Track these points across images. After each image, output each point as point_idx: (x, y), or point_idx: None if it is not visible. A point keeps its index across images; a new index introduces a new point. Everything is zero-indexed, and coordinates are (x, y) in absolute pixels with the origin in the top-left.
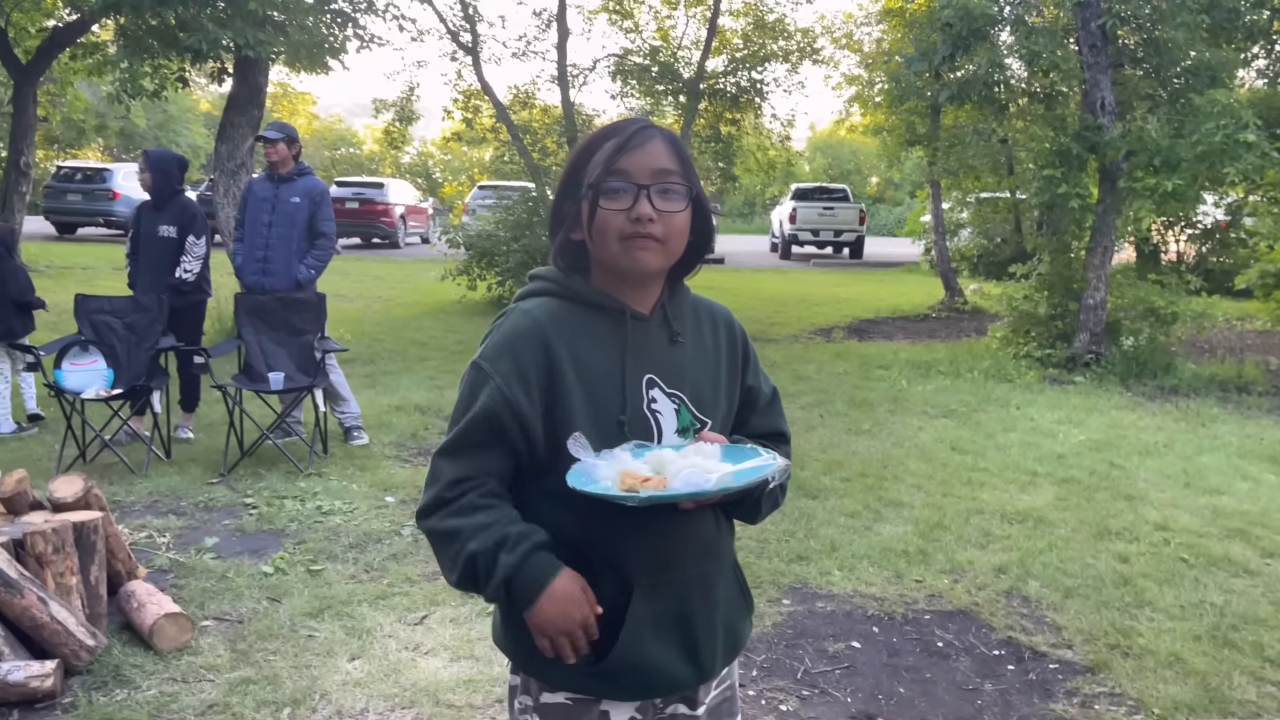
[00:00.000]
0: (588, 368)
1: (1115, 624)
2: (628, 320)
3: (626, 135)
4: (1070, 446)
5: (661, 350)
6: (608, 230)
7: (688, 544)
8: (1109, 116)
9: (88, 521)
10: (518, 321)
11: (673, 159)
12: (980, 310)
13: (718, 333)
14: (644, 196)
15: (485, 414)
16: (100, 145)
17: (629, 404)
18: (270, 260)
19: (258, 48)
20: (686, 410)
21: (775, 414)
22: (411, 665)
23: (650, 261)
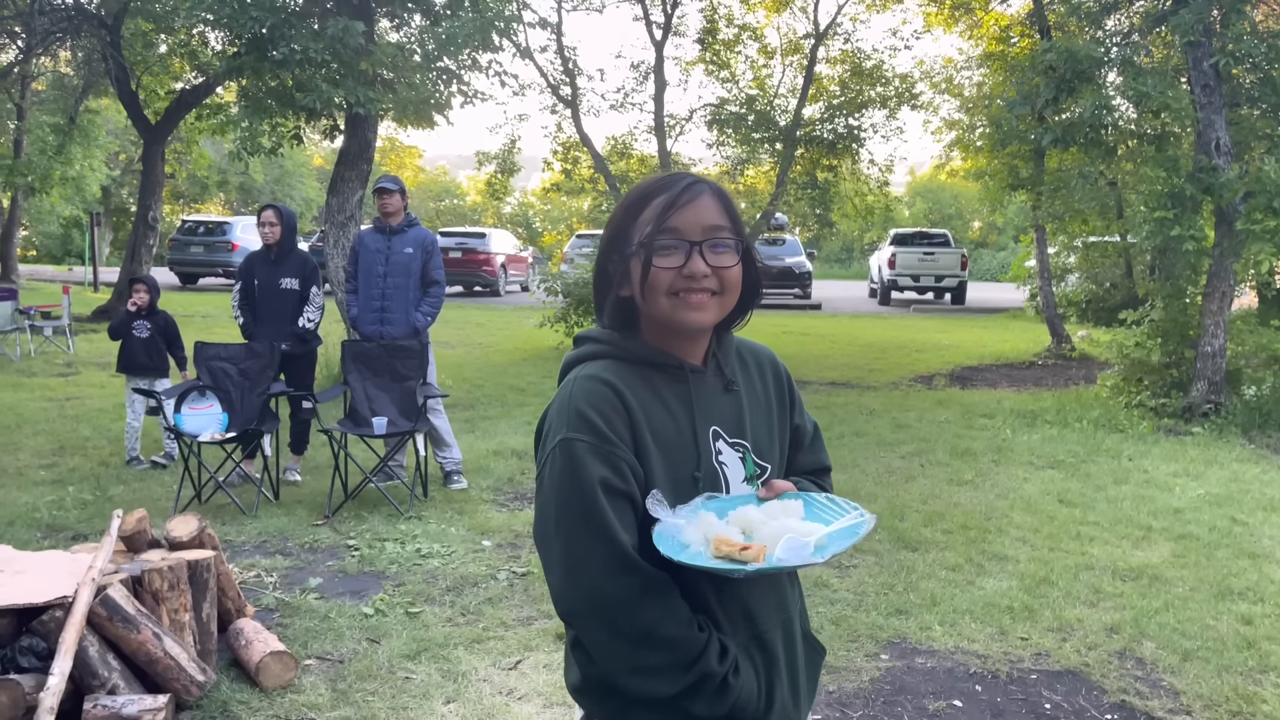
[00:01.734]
0: (660, 426)
1: (1238, 689)
2: (688, 375)
3: (676, 191)
4: (1187, 501)
5: (719, 400)
6: (659, 287)
7: (767, 595)
8: (1225, 157)
9: (201, 560)
10: (590, 387)
11: (722, 214)
12: (1089, 358)
13: (764, 376)
14: (696, 253)
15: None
16: (221, 200)
17: (702, 459)
18: (388, 310)
19: (368, 105)
20: (750, 458)
21: (819, 449)
22: (505, 710)
23: (705, 318)
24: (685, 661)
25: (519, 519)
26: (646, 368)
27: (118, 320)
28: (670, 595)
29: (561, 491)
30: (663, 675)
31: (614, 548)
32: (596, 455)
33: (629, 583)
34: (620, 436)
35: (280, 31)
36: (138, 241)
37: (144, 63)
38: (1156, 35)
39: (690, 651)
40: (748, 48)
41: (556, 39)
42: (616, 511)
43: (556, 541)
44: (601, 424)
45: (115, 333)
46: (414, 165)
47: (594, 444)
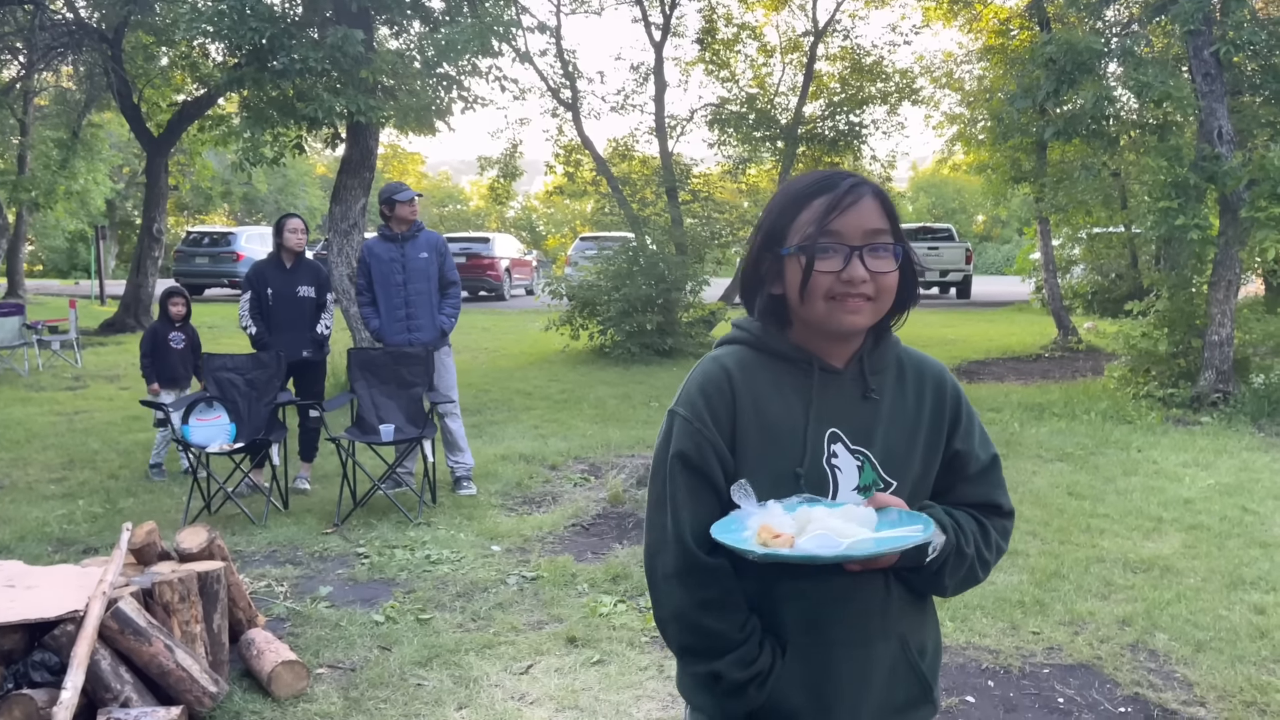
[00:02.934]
0: (770, 417)
1: (1252, 680)
2: (815, 372)
3: (840, 194)
4: (1198, 491)
5: (850, 405)
6: (817, 291)
7: (846, 608)
8: (1228, 145)
9: (211, 571)
10: (708, 368)
11: (883, 218)
12: (1096, 349)
13: (923, 390)
14: (856, 258)
15: (681, 454)
16: (225, 210)
17: (808, 456)
18: (414, 317)
19: (369, 113)
20: (870, 468)
21: (991, 484)
22: (518, 715)
23: (859, 323)
24: (708, 652)
25: (528, 524)
26: (777, 360)
27: (149, 334)
28: (711, 583)
29: (656, 456)
30: (686, 654)
31: (673, 521)
32: (686, 431)
33: (675, 559)
34: (717, 420)
35: (280, 42)
36: (143, 254)
37: (145, 76)
38: (1156, 25)
39: (716, 645)
40: (747, 47)
41: (556, 42)
42: (689, 487)
43: (648, 500)
44: (702, 404)
45: (148, 346)
46: (416, 171)
47: (688, 419)
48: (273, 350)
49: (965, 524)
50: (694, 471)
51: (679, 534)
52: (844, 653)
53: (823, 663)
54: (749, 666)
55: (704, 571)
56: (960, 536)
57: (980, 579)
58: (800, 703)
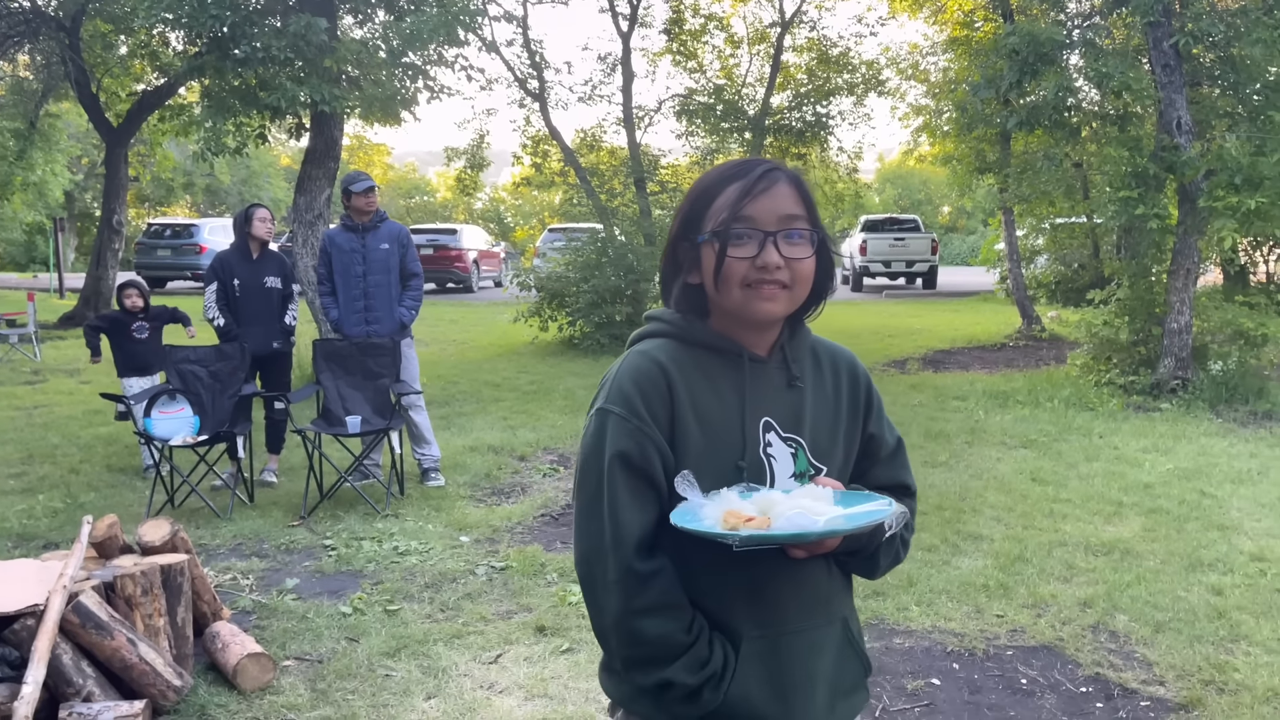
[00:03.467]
0: (706, 411)
1: (1210, 659)
2: (745, 363)
3: (753, 179)
4: (1157, 475)
5: (779, 393)
6: (732, 278)
7: (795, 596)
8: (1186, 136)
9: (174, 564)
10: (637, 363)
11: (798, 203)
12: (1059, 338)
13: (839, 377)
14: (770, 244)
15: (621, 455)
16: (188, 201)
17: (748, 448)
18: (372, 309)
19: (333, 103)
20: (803, 455)
21: (899, 466)
22: (486, 704)
23: (775, 310)
24: (657, 660)
25: (497, 514)
26: (705, 352)
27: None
28: (654, 587)
29: (586, 458)
30: (632, 665)
31: (611, 525)
32: (623, 430)
33: (615, 566)
34: (655, 416)
35: (241, 30)
36: (103, 246)
37: (104, 65)
38: (1117, 16)
39: (664, 652)
40: (714, 37)
41: (522, 32)
42: (631, 488)
43: (576, 504)
44: (639, 400)
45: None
46: (382, 163)
47: (624, 417)
48: (238, 342)
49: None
50: (635, 472)
51: (619, 539)
52: (796, 640)
53: (777, 653)
54: (702, 669)
55: (646, 576)
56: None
57: (902, 558)
58: (760, 696)
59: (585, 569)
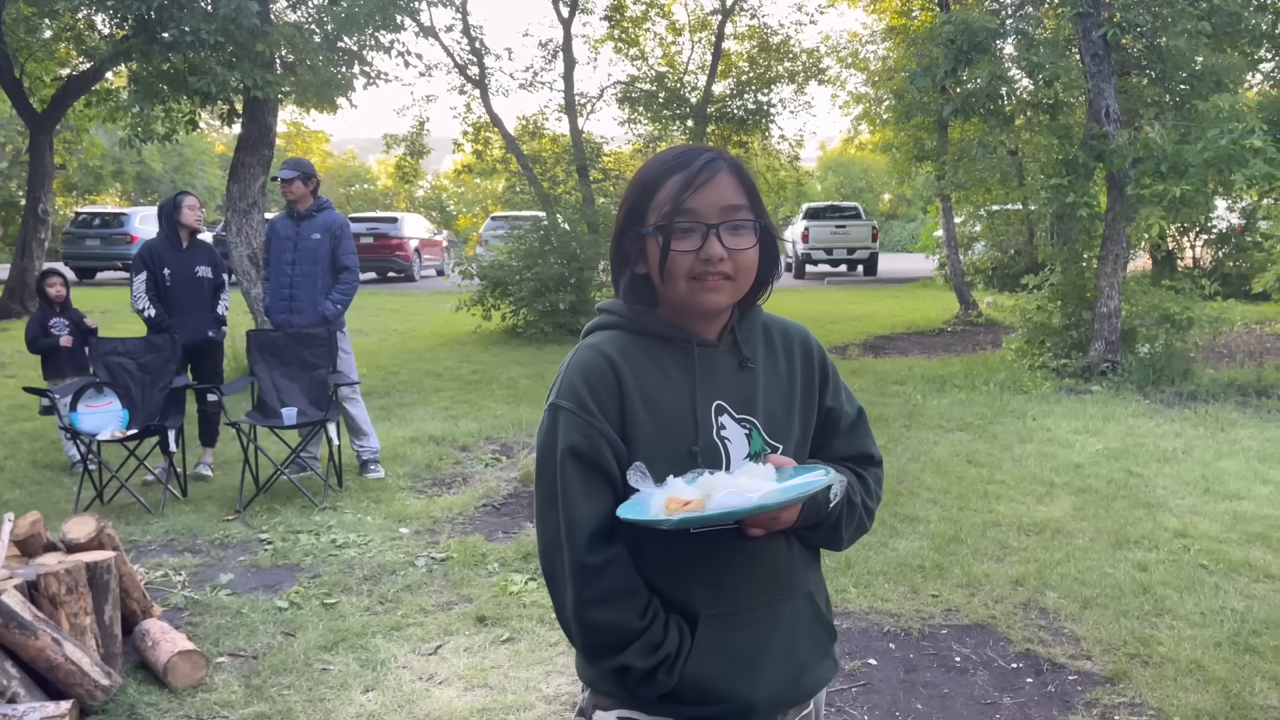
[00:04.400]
0: (657, 399)
1: (1135, 633)
2: (694, 348)
3: (694, 170)
4: (1087, 456)
5: (730, 376)
6: (677, 271)
7: (754, 572)
8: (1114, 124)
9: (101, 561)
10: (586, 357)
11: (740, 192)
12: (995, 323)
13: (792, 353)
14: (713, 236)
15: (572, 449)
16: (118, 190)
17: (701, 433)
18: (296, 298)
19: (266, 88)
20: (758, 435)
21: (861, 435)
22: (425, 696)
23: (720, 301)
24: (611, 647)
25: (437, 505)
26: (654, 340)
27: (33, 326)
28: (607, 577)
29: (540, 454)
30: (590, 653)
31: (565, 518)
32: (573, 424)
33: (570, 558)
34: (604, 409)
35: (169, 13)
36: (28, 236)
37: (27, 49)
38: (1048, 6)
39: (618, 639)
40: (656, 24)
41: (462, 17)
42: (583, 480)
43: (535, 499)
44: (587, 395)
45: (35, 344)
46: (321, 150)
47: (574, 412)
48: (168, 333)
49: (847, 476)
50: (587, 465)
51: (572, 532)
52: (755, 616)
53: (734, 630)
54: (654, 652)
55: (599, 567)
56: (849, 488)
57: (868, 528)
58: (718, 673)
59: (546, 562)
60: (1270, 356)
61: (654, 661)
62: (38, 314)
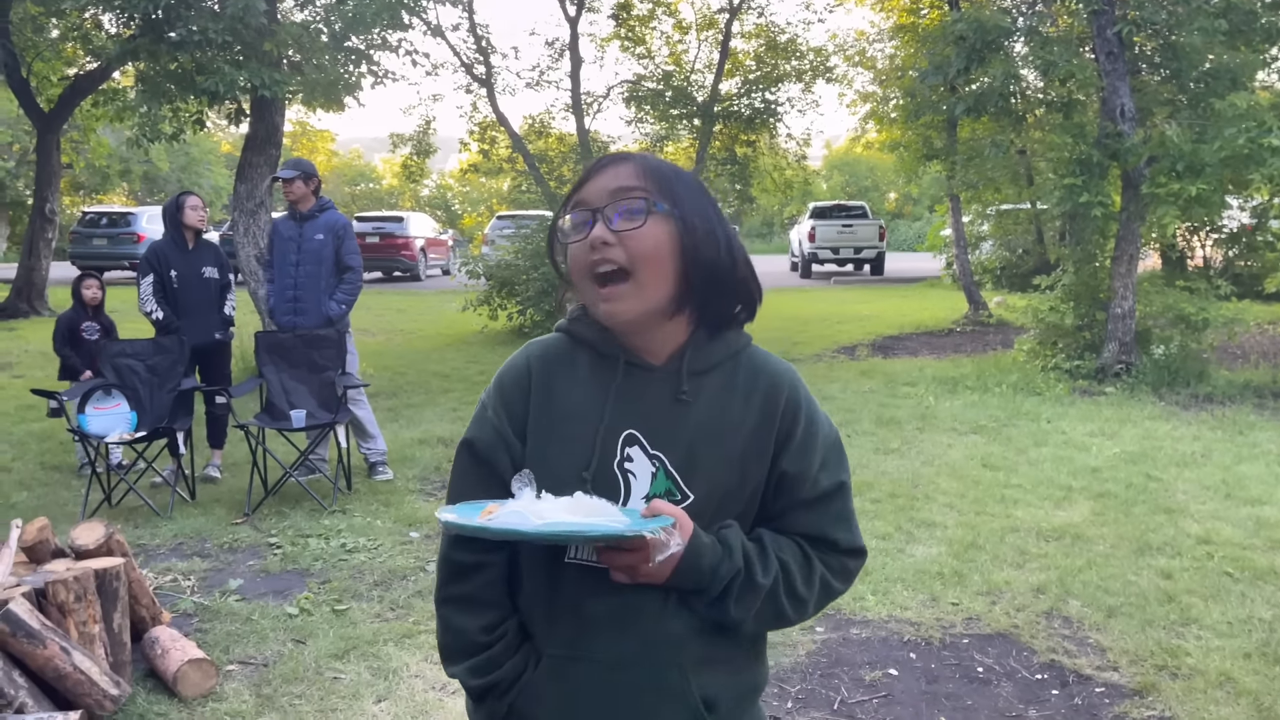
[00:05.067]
0: (568, 413)
1: (1162, 643)
2: (620, 367)
3: (593, 166)
4: (1105, 460)
5: (658, 406)
6: (576, 269)
7: (611, 622)
8: (1129, 123)
9: (110, 568)
10: (513, 358)
11: (640, 176)
12: (1005, 323)
13: (751, 398)
14: (600, 219)
15: (469, 442)
16: (125, 190)
17: (597, 459)
18: (301, 299)
19: (273, 88)
20: (664, 476)
21: (827, 515)
22: (439, 706)
23: (618, 310)
24: (451, 653)
25: None
26: (588, 351)
27: (63, 325)
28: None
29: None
30: (440, 652)
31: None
32: (480, 418)
33: (443, 548)
34: (511, 410)
35: (176, 12)
36: (35, 235)
37: (35, 48)
38: (1061, 4)
39: (459, 646)
40: (663, 23)
41: (468, 16)
42: (472, 475)
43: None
44: (497, 394)
45: (64, 339)
46: (326, 149)
47: (484, 405)
48: (176, 335)
49: (776, 553)
50: (479, 461)
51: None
52: (599, 671)
53: (574, 678)
54: (485, 675)
55: (466, 568)
56: (754, 563)
57: (790, 617)
58: (545, 715)
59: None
60: None
61: (483, 684)
62: (69, 314)
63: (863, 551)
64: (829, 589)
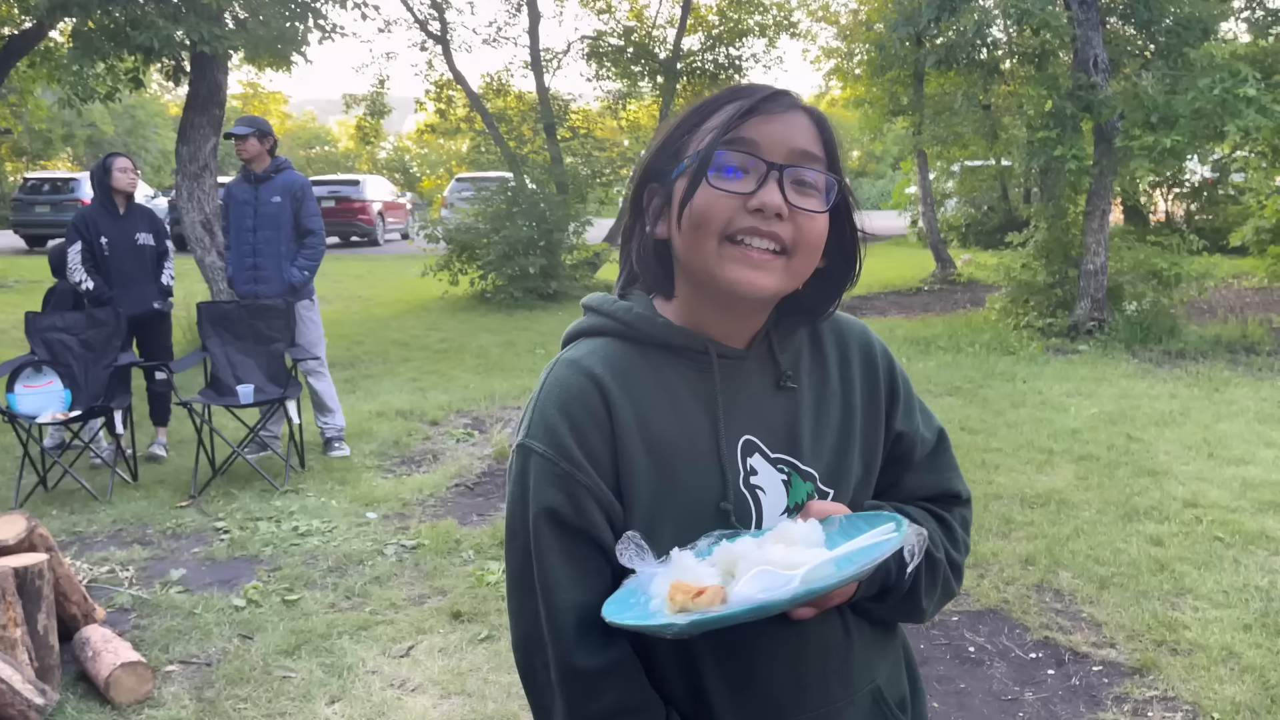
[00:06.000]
0: (667, 435)
1: (1158, 616)
2: (714, 363)
3: (758, 99)
4: (1084, 420)
5: (763, 400)
6: (710, 222)
7: (798, 669)
8: (1102, 74)
9: (32, 566)
10: (566, 380)
11: (818, 143)
12: (974, 281)
13: (848, 363)
14: (773, 179)
15: (551, 513)
16: (69, 155)
17: (729, 483)
18: (260, 267)
19: (213, 43)
20: (798, 482)
21: (943, 467)
22: (398, 705)
23: (763, 284)
24: None
25: (406, 486)
26: (657, 351)
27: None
28: (611, 686)
29: (511, 509)
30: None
31: (545, 605)
32: (550, 476)
33: (557, 659)
34: (593, 454)
35: None
36: None
37: None
38: None
39: None
40: None
41: None
42: (567, 555)
43: (506, 570)
44: (566, 434)
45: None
46: (279, 112)
47: (551, 460)
48: (111, 306)
49: (926, 524)
50: (571, 533)
51: (556, 626)
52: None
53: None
54: None
55: (597, 675)
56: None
57: (955, 590)
58: None
59: (523, 659)
60: (1252, 311)
61: None
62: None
63: (971, 498)
64: (967, 547)
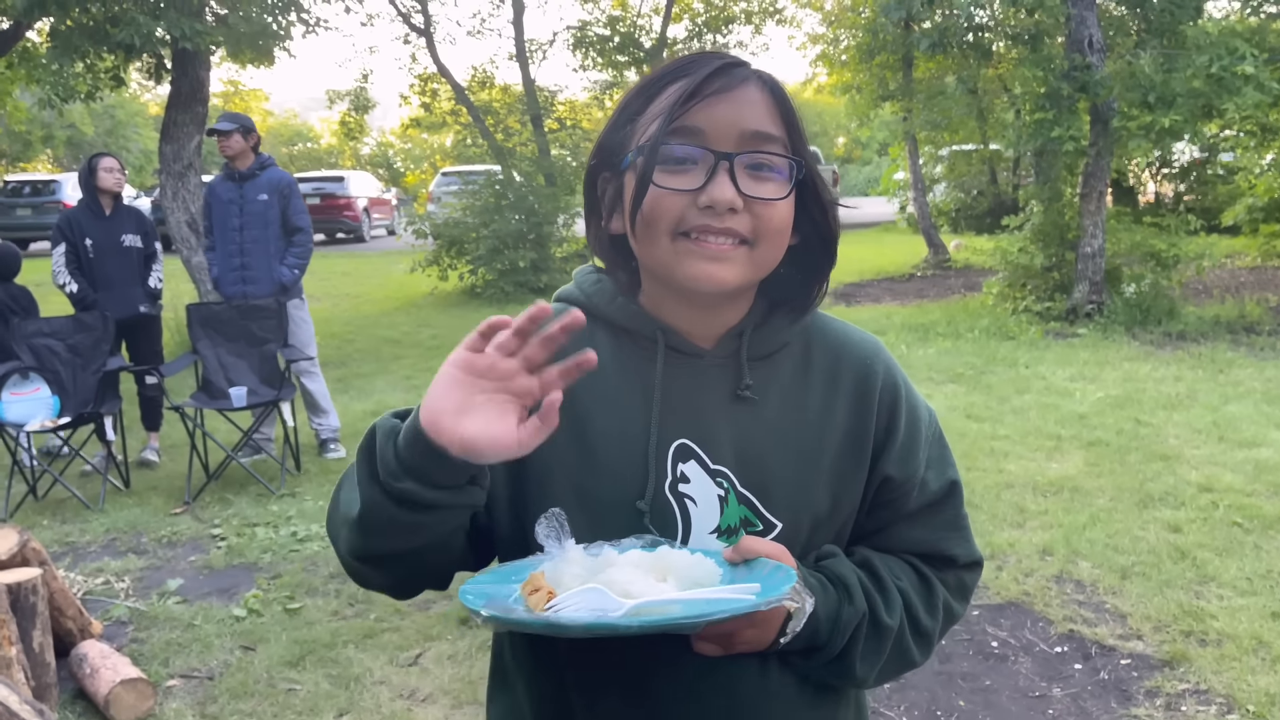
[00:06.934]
0: (592, 419)
1: (1183, 606)
2: (660, 352)
3: (703, 75)
4: (1090, 405)
5: (714, 405)
6: (659, 220)
7: (701, 708)
8: (1098, 54)
9: (25, 581)
10: None
11: (774, 119)
12: (968, 266)
13: (835, 389)
14: (724, 171)
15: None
16: (48, 156)
17: (649, 482)
18: (249, 267)
19: (195, 39)
20: (736, 501)
21: (941, 526)
22: (409, 717)
23: (722, 276)
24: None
25: None
26: (609, 330)
27: None
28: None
29: None
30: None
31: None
32: None
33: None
34: None
35: None
36: None
37: None
38: None
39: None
40: None
41: None
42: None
43: None
44: None
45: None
46: (261, 109)
47: None
48: (97, 310)
49: (894, 581)
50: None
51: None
52: None
53: None
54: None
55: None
56: (877, 601)
57: (916, 660)
58: None
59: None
60: (1249, 291)
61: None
62: None
63: (981, 563)
64: (951, 614)
